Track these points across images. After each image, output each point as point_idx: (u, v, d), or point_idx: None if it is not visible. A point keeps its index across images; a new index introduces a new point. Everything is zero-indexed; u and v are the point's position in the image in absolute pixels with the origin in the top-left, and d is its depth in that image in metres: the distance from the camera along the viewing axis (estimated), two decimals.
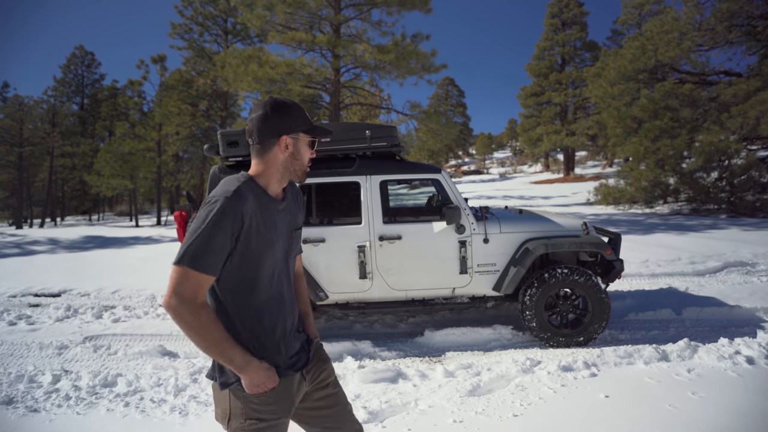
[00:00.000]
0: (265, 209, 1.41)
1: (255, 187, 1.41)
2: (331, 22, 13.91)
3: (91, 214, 37.17)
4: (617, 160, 33.14)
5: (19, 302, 6.37)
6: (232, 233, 1.32)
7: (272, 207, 1.44)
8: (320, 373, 1.60)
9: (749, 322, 4.56)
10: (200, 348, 1.31)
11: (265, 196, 1.43)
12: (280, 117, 1.43)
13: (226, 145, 4.27)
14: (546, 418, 2.83)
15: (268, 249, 1.41)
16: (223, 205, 1.30)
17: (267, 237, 1.40)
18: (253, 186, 1.41)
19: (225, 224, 1.30)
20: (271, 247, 1.42)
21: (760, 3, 14.34)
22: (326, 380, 1.61)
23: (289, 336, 1.50)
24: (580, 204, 19.45)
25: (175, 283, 1.27)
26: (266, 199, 1.42)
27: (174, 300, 1.26)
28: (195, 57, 23.19)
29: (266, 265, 1.42)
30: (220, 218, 1.29)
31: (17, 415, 3.12)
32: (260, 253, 1.39)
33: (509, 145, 69.92)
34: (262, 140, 1.43)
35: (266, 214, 1.41)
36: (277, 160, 1.45)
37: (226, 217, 1.30)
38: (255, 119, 1.44)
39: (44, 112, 29.89)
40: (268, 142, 1.43)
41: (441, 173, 4.40)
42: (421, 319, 5.09)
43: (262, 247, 1.39)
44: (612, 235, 4.71)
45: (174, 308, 1.26)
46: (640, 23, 32.08)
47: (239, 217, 1.32)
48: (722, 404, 2.84)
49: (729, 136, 14.59)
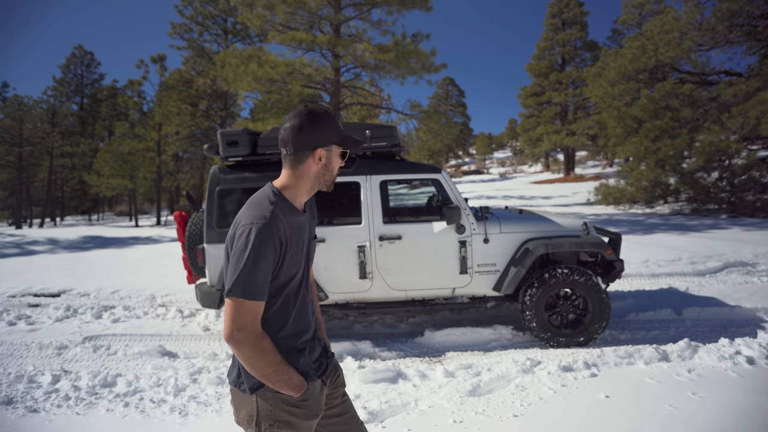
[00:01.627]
0: (293, 225, 1.43)
1: (283, 203, 1.42)
2: (331, 22, 13.90)
3: (90, 214, 37.16)
4: (617, 160, 33.12)
5: (19, 302, 6.37)
6: (275, 258, 1.35)
7: (298, 221, 1.46)
8: (335, 379, 1.63)
9: (750, 322, 4.56)
10: (261, 375, 1.35)
11: (292, 211, 1.44)
12: (316, 129, 1.42)
13: (226, 145, 4.27)
14: (546, 418, 2.83)
15: (298, 262, 1.45)
16: (261, 232, 1.31)
17: (297, 251, 1.43)
18: (282, 203, 1.42)
19: (268, 251, 1.32)
20: (300, 259, 1.46)
21: (760, 3, 14.32)
22: (339, 388, 1.64)
23: (314, 342, 1.54)
24: (580, 204, 19.44)
25: (233, 316, 1.30)
26: (293, 214, 1.44)
27: (236, 332, 1.30)
28: (195, 57, 23.15)
29: (297, 277, 1.46)
30: (261, 245, 1.31)
31: (17, 416, 3.12)
32: (291, 267, 1.42)
33: (509, 145, 69.91)
34: (297, 152, 1.42)
35: (294, 229, 1.43)
36: (311, 171, 1.45)
37: (267, 244, 1.32)
38: (290, 129, 1.42)
39: (44, 112, 29.87)
40: (302, 155, 1.43)
41: (441, 173, 4.40)
42: (421, 319, 5.09)
43: (293, 262, 1.42)
44: (612, 235, 4.70)
45: (237, 341, 1.30)
46: (641, 23, 32.07)
47: (278, 241, 1.35)
48: (723, 404, 2.84)
49: (729, 136, 14.58)
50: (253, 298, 1.31)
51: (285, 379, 1.37)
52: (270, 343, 1.37)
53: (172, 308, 5.74)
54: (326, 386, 1.55)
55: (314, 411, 1.46)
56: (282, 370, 1.37)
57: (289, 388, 1.38)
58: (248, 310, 1.31)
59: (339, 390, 1.64)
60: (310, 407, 1.45)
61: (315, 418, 1.47)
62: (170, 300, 6.19)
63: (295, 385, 1.39)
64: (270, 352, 1.35)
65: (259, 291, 1.33)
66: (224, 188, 4.32)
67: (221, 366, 3.92)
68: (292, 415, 1.42)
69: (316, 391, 1.48)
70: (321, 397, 1.51)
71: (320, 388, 1.51)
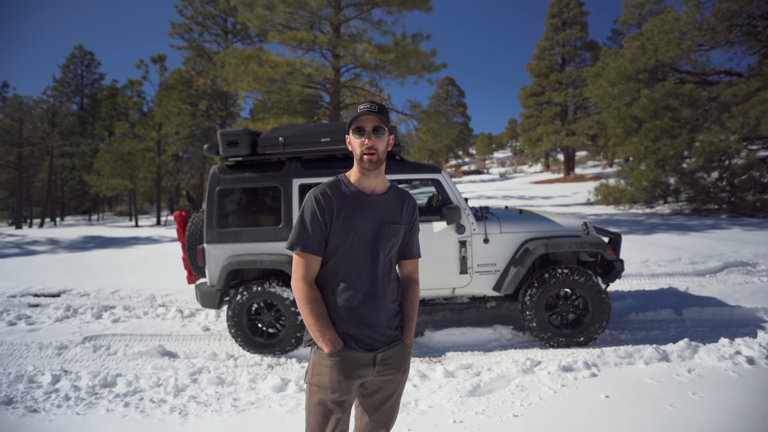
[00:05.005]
0: (345, 199, 1.64)
1: (336, 182, 1.68)
2: (331, 22, 13.89)
3: (90, 214, 37.16)
4: (617, 160, 33.13)
5: (19, 302, 6.36)
6: (320, 221, 1.62)
7: (353, 195, 1.66)
8: (387, 374, 1.69)
9: (750, 322, 4.56)
10: (306, 323, 1.60)
11: (347, 187, 1.67)
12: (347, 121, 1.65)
13: (226, 145, 4.26)
14: (546, 418, 2.83)
15: (348, 232, 1.63)
16: (307, 200, 1.65)
17: (347, 222, 1.62)
18: (335, 182, 1.68)
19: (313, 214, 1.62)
20: (350, 230, 1.63)
21: (760, 3, 14.31)
22: (384, 386, 1.70)
23: (365, 320, 1.64)
24: (580, 204, 19.44)
25: (293, 265, 1.66)
26: (347, 189, 1.66)
27: (292, 280, 1.64)
28: (195, 57, 23.15)
29: (347, 246, 1.63)
30: (306, 209, 1.64)
31: (17, 416, 3.11)
32: (338, 233, 1.63)
33: (509, 145, 69.88)
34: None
35: (345, 202, 1.63)
36: (354, 155, 1.66)
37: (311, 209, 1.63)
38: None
39: (44, 112, 29.84)
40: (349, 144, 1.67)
41: (441, 173, 4.39)
42: (421, 319, 5.08)
43: (341, 229, 1.63)
44: (612, 235, 4.70)
45: (292, 287, 1.64)
46: (641, 23, 32.07)
47: (324, 208, 1.61)
48: (723, 404, 2.84)
49: (729, 136, 14.58)
50: (297, 249, 1.61)
51: (321, 331, 1.57)
52: (317, 295, 1.60)
53: (172, 308, 5.74)
54: (374, 368, 1.64)
55: (342, 374, 1.58)
56: (321, 323, 1.58)
57: (321, 341, 1.57)
58: (299, 261, 1.62)
59: (383, 386, 1.70)
60: (338, 369, 1.58)
61: (342, 382, 1.58)
62: (170, 300, 6.19)
63: (328, 340, 1.57)
64: (314, 302, 1.59)
65: (302, 243, 1.61)
66: (224, 188, 4.31)
67: (221, 366, 3.92)
68: (322, 375, 1.60)
69: (352, 362, 1.60)
70: (355, 370, 1.61)
71: (358, 363, 1.61)
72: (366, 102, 1.61)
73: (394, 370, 1.69)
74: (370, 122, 1.60)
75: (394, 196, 1.72)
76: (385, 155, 1.66)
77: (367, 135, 1.60)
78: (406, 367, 1.74)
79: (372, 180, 1.67)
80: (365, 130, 1.60)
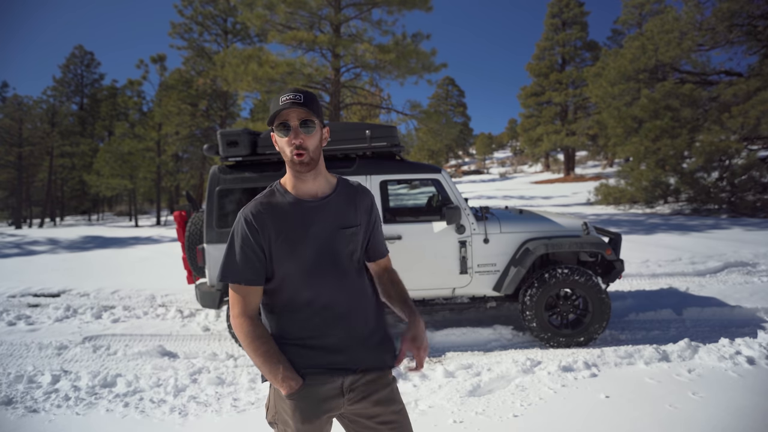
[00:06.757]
0: (278, 212, 1.39)
1: (270, 192, 1.43)
2: (331, 22, 13.89)
3: (90, 214, 37.15)
4: (617, 160, 33.11)
5: (19, 302, 6.36)
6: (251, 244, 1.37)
7: (287, 206, 1.40)
8: (366, 397, 1.42)
9: (750, 322, 4.55)
10: (254, 363, 1.37)
11: (282, 197, 1.41)
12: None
13: (226, 145, 4.26)
14: (546, 418, 2.83)
15: (290, 248, 1.38)
16: (237, 221, 1.42)
17: (286, 238, 1.37)
18: (269, 193, 1.43)
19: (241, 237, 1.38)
20: (293, 246, 1.38)
21: (760, 3, 14.32)
22: (375, 409, 1.42)
23: (330, 340, 1.39)
24: (580, 204, 19.44)
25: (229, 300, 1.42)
26: (282, 199, 1.41)
27: (231, 317, 1.39)
28: (195, 57, 23.17)
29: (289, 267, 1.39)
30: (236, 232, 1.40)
31: (17, 416, 3.11)
32: (278, 254, 1.39)
33: (509, 145, 69.90)
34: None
35: (280, 216, 1.39)
36: (284, 158, 1.40)
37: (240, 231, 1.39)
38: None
39: (43, 112, 29.85)
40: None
41: (441, 173, 4.39)
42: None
43: (281, 248, 1.38)
44: (612, 235, 4.70)
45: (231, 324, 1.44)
46: (641, 23, 32.05)
47: (253, 229, 1.37)
48: (723, 404, 2.83)
49: (729, 136, 14.58)
50: (229, 281, 1.37)
51: (272, 372, 1.31)
52: (259, 330, 1.34)
53: (172, 308, 5.73)
54: (343, 397, 1.39)
55: (306, 416, 1.34)
56: (270, 361, 1.31)
57: (275, 382, 1.33)
58: (234, 296, 1.37)
59: (375, 411, 1.42)
60: (301, 411, 1.34)
61: (308, 424, 1.36)
62: (170, 300, 6.19)
63: (281, 380, 1.31)
64: (258, 338, 1.32)
65: (233, 275, 1.36)
66: (224, 188, 4.31)
67: (221, 366, 3.91)
68: (286, 414, 1.37)
69: (316, 398, 1.36)
70: (321, 405, 1.36)
71: (323, 396, 1.37)
72: (288, 91, 1.32)
73: (367, 391, 1.40)
74: (295, 116, 1.32)
75: (343, 196, 1.45)
76: (319, 153, 1.38)
77: (294, 132, 1.32)
78: (393, 400, 1.45)
79: (310, 183, 1.40)
80: (291, 125, 1.33)
